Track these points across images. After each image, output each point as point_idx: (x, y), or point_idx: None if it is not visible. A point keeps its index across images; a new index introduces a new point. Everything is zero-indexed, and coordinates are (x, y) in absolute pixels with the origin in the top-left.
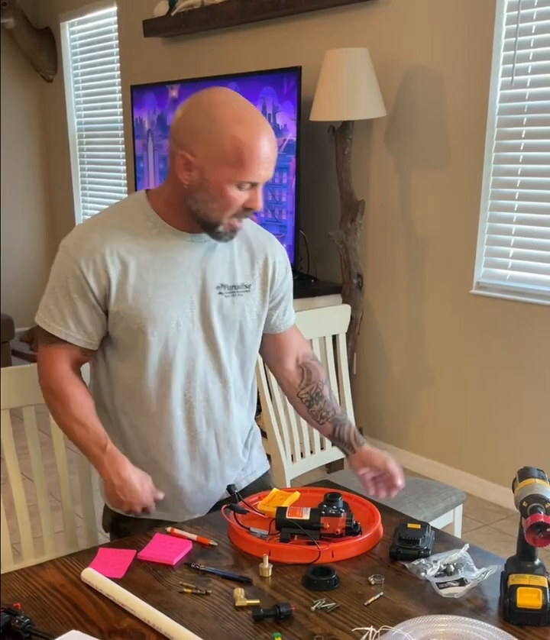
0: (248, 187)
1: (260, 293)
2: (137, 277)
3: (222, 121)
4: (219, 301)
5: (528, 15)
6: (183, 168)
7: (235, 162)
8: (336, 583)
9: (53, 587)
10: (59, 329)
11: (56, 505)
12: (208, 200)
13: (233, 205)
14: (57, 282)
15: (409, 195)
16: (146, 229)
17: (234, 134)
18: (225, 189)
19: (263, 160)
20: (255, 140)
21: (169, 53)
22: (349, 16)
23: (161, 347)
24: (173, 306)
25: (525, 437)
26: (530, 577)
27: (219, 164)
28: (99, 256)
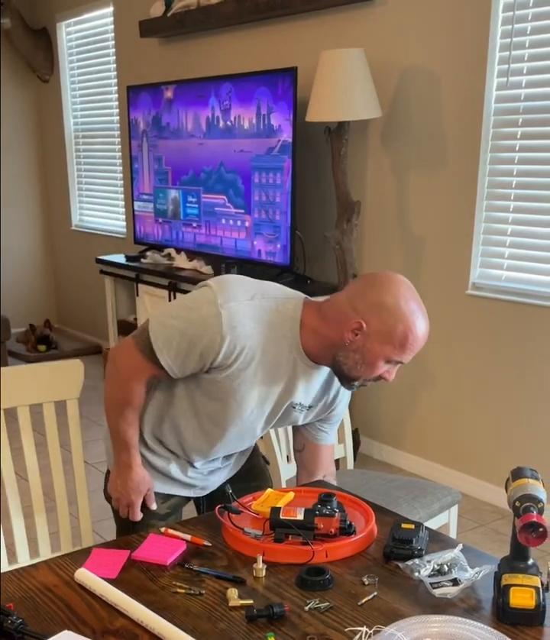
0: (394, 364)
1: (317, 412)
2: (253, 373)
3: (405, 312)
4: (288, 411)
5: (524, 16)
6: (352, 331)
7: (399, 345)
8: (330, 583)
9: (46, 588)
10: (163, 357)
11: (50, 506)
12: (358, 363)
13: (376, 374)
14: (194, 331)
15: (405, 196)
16: (286, 347)
17: (408, 326)
18: (379, 361)
19: (415, 348)
20: (421, 332)
21: (165, 54)
22: (345, 17)
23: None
24: (254, 415)
25: (521, 438)
26: (523, 577)
27: (385, 342)
28: (240, 346)
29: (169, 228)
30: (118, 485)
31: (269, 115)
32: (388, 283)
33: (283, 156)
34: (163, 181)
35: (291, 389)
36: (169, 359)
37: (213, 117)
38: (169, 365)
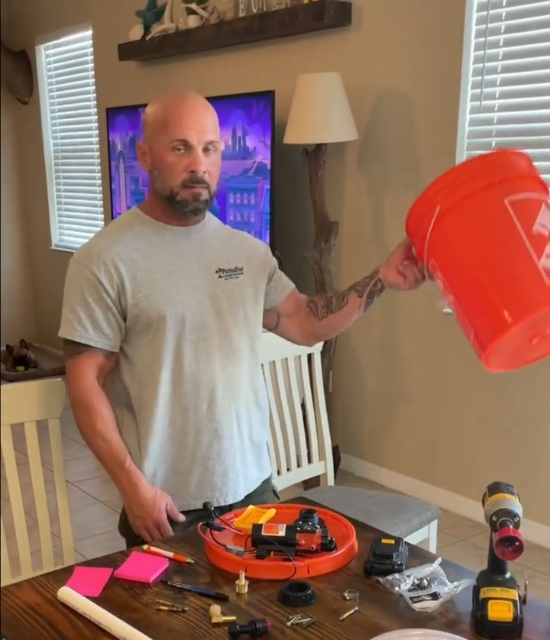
0: (183, 150)
1: (251, 275)
2: (147, 270)
3: (157, 102)
4: (221, 284)
5: (495, 42)
6: (141, 157)
7: (162, 126)
8: (311, 599)
9: (29, 607)
10: (78, 334)
11: (32, 525)
12: (158, 173)
13: (175, 170)
14: (72, 292)
15: (382, 217)
16: (143, 231)
17: (162, 106)
18: (164, 156)
19: (187, 120)
20: (179, 104)
21: (144, 77)
22: (321, 41)
23: (178, 328)
24: (184, 289)
25: (500, 454)
26: (501, 590)
27: (155, 135)
28: (108, 258)
29: None
30: (135, 511)
31: (244, 137)
32: (156, 99)
33: (256, 177)
34: (140, 201)
35: (196, 260)
36: (80, 330)
37: None
38: (86, 334)
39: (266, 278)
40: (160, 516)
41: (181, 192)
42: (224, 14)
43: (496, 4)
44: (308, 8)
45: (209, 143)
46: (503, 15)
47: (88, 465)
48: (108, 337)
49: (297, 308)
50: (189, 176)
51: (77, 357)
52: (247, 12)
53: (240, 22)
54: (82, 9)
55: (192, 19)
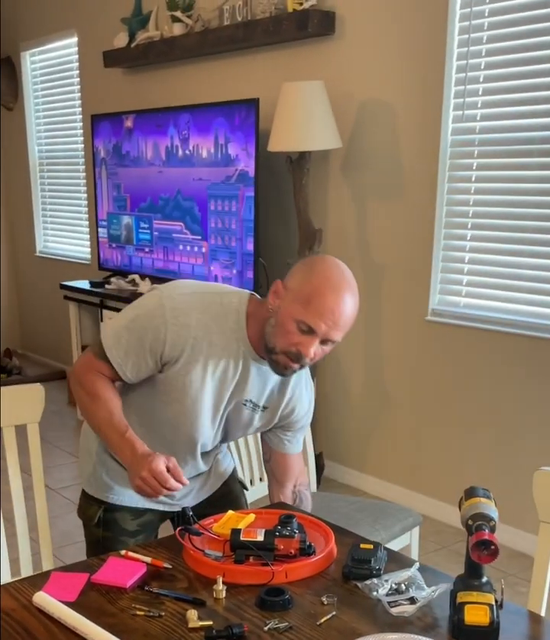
0: (306, 331)
1: (268, 417)
2: (203, 367)
3: (317, 271)
4: (239, 409)
5: (478, 52)
6: (274, 294)
7: (305, 302)
8: (289, 604)
9: (4, 612)
10: (117, 362)
11: (11, 532)
12: (274, 325)
13: (287, 338)
14: (140, 326)
15: (365, 224)
16: (232, 341)
17: (317, 283)
18: (289, 322)
19: (327, 313)
20: (329, 294)
21: (129, 84)
22: (305, 50)
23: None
24: (207, 394)
25: (481, 460)
26: (477, 595)
27: (294, 300)
28: (185, 336)
29: (124, 253)
30: (134, 469)
31: (226, 145)
32: (319, 260)
33: (237, 185)
34: (122, 207)
35: (242, 385)
36: (120, 357)
37: (172, 146)
38: (120, 364)
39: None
40: (155, 464)
41: (280, 355)
42: (209, 22)
43: (479, 14)
44: (293, 16)
45: (333, 341)
46: (485, 25)
47: (71, 472)
48: (135, 378)
49: (284, 469)
50: (295, 352)
51: (100, 356)
52: (231, 20)
53: (224, 30)
54: (68, 16)
55: (177, 27)
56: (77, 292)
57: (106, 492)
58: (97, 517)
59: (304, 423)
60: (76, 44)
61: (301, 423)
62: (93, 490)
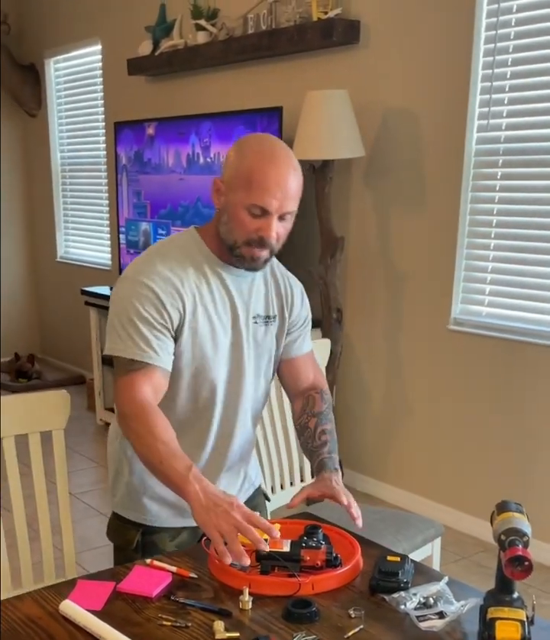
0: (259, 214)
1: (280, 324)
2: (204, 308)
3: (247, 150)
4: (254, 329)
5: (503, 61)
6: (216, 193)
7: (246, 185)
8: (316, 616)
9: (31, 619)
10: (142, 354)
11: (33, 537)
12: (227, 221)
13: (244, 228)
14: (133, 310)
15: (388, 233)
16: (200, 263)
17: (251, 161)
18: (239, 211)
19: (272, 187)
20: (267, 168)
21: (152, 92)
22: (329, 59)
23: (215, 373)
24: (228, 336)
25: (502, 471)
26: (509, 610)
27: (235, 187)
28: (173, 287)
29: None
30: (220, 519)
31: None
32: (244, 140)
33: None
34: (142, 214)
35: (240, 306)
36: (136, 347)
37: (193, 153)
38: (141, 352)
39: (288, 327)
40: (237, 515)
41: (243, 248)
42: (233, 30)
43: (505, 23)
44: (318, 25)
45: (288, 212)
46: (512, 35)
47: (90, 477)
48: (169, 356)
49: (295, 377)
50: (257, 238)
51: (131, 373)
52: (256, 29)
53: (249, 39)
54: (92, 24)
55: (201, 35)
56: (98, 297)
57: (144, 515)
58: (135, 541)
59: (308, 313)
60: (100, 52)
61: (305, 314)
62: (129, 513)
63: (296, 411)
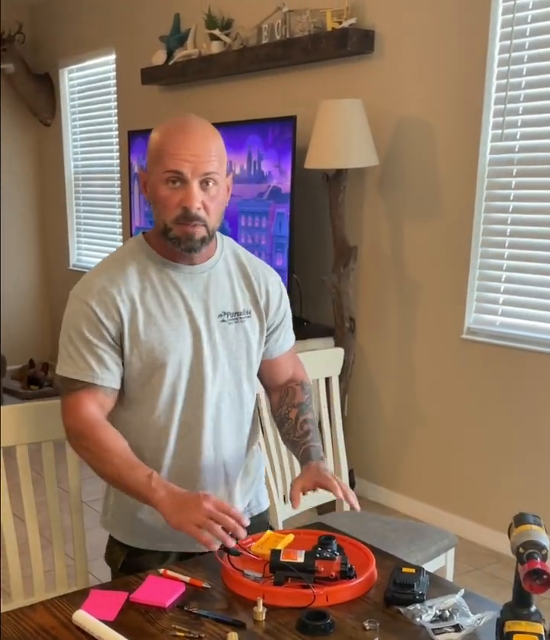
0: (178, 183)
1: (258, 320)
2: (146, 313)
3: (157, 129)
4: (223, 329)
5: (518, 71)
6: (143, 187)
7: (157, 155)
8: (331, 628)
9: (43, 629)
10: (82, 373)
11: (45, 544)
12: (153, 204)
13: (168, 204)
14: (72, 329)
15: (401, 242)
16: (147, 267)
17: (158, 136)
18: (158, 188)
19: (181, 150)
20: (173, 136)
21: (166, 101)
22: (343, 68)
23: (174, 378)
24: (182, 338)
25: (516, 481)
26: (526, 624)
27: (151, 165)
28: (108, 296)
29: None
30: (208, 510)
31: (260, 162)
32: (161, 123)
33: (269, 201)
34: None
35: (197, 304)
36: (85, 368)
37: None
38: (91, 373)
39: (268, 325)
40: (211, 496)
41: (174, 228)
42: (247, 40)
43: (520, 33)
44: (332, 35)
45: (207, 175)
46: (526, 45)
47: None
48: (112, 373)
49: (274, 374)
50: (183, 212)
51: (74, 393)
52: (270, 39)
53: (263, 48)
54: (106, 34)
55: (215, 45)
56: None
57: (131, 536)
58: (121, 562)
59: (287, 307)
60: (114, 61)
61: (283, 309)
62: (116, 532)
63: (274, 403)
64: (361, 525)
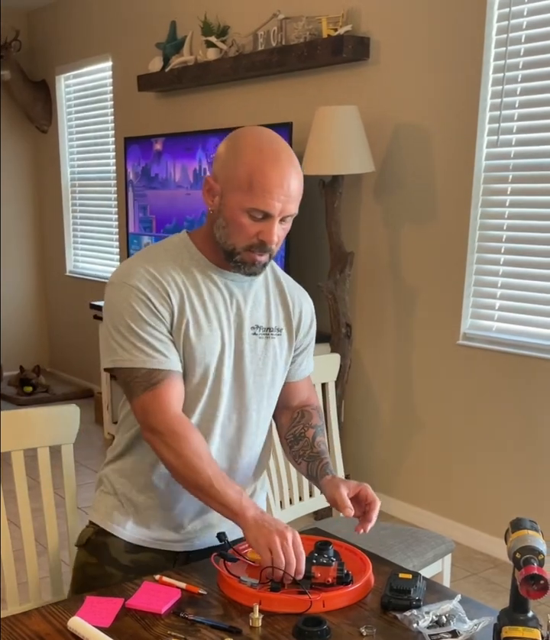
0: (260, 217)
1: (288, 339)
2: (191, 308)
3: (243, 147)
4: (253, 342)
5: (514, 77)
6: (208, 193)
7: (246, 188)
8: (327, 634)
9: (39, 636)
10: (155, 360)
11: (41, 551)
12: (225, 225)
13: (244, 232)
14: (127, 315)
15: (397, 248)
16: (191, 266)
17: (249, 161)
18: (237, 214)
19: (275, 190)
20: (268, 169)
21: (162, 108)
22: (339, 75)
23: (198, 382)
24: (211, 344)
25: (513, 487)
26: (523, 630)
27: (233, 189)
28: (158, 284)
29: None
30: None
31: None
32: (231, 136)
33: None
34: (148, 229)
35: (233, 312)
36: (142, 353)
37: (200, 169)
38: (159, 358)
39: (296, 346)
40: (289, 535)
41: (243, 253)
42: (243, 47)
43: (515, 40)
44: (327, 42)
45: (290, 215)
46: (522, 51)
47: None
48: (176, 355)
49: (289, 398)
50: (258, 243)
51: (154, 387)
52: (266, 46)
53: (259, 55)
54: (103, 40)
55: (211, 52)
56: None
57: (109, 521)
58: (86, 538)
59: (314, 332)
60: (110, 68)
61: (311, 334)
62: (96, 516)
63: (284, 424)
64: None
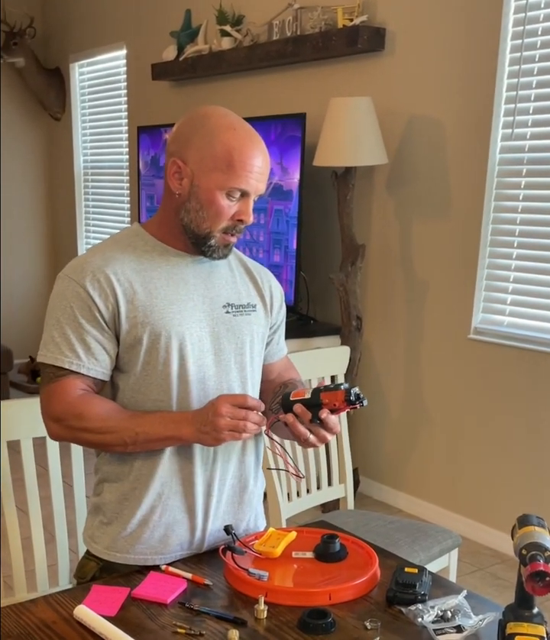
0: (238, 197)
1: (263, 315)
2: (146, 294)
3: (215, 127)
4: (228, 320)
5: (529, 70)
6: (175, 176)
7: (226, 167)
8: (332, 627)
9: (45, 624)
10: (68, 360)
11: (49, 539)
12: (199, 209)
13: (223, 214)
14: (60, 311)
15: (409, 241)
16: (146, 252)
17: (226, 140)
18: (216, 196)
19: (254, 168)
20: (247, 147)
21: (176, 97)
22: (354, 65)
23: (178, 362)
24: (185, 322)
25: (521, 482)
26: (528, 626)
27: (210, 169)
28: (103, 276)
29: None
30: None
31: None
32: (191, 115)
33: (267, 198)
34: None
35: (200, 291)
36: (71, 356)
37: None
38: (77, 361)
39: (271, 323)
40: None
41: (218, 237)
42: (258, 36)
43: (532, 32)
44: (342, 32)
45: (262, 193)
46: (538, 44)
47: None
48: (102, 365)
49: (272, 379)
50: (234, 224)
51: (60, 379)
52: (280, 35)
53: (273, 45)
54: (117, 29)
55: (225, 41)
56: None
57: (107, 550)
58: (91, 575)
59: (284, 311)
60: (124, 57)
61: (283, 312)
62: (94, 546)
63: (267, 400)
64: (365, 524)
